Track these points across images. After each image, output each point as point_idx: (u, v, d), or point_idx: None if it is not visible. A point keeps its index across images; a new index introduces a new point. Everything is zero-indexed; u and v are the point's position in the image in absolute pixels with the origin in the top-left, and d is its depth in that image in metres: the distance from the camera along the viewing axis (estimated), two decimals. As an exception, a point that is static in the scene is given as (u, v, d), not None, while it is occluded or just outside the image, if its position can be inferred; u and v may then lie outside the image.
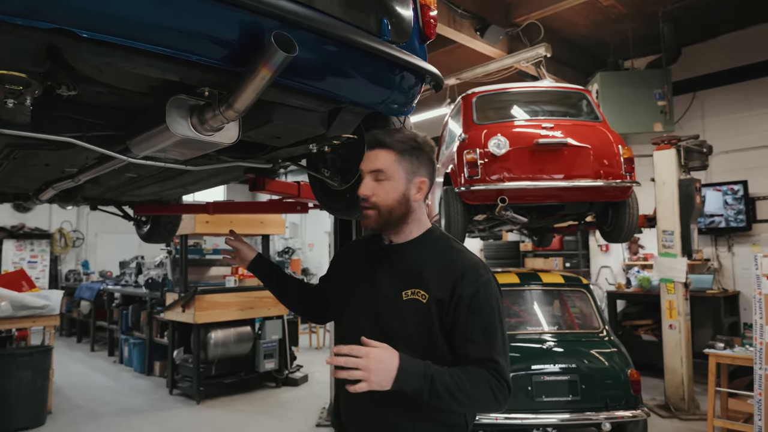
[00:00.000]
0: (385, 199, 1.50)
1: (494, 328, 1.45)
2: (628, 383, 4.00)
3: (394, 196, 1.50)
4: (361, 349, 1.33)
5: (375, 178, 1.51)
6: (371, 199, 1.51)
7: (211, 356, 6.24)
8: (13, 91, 1.34)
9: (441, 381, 1.35)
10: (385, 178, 1.50)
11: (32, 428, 5.17)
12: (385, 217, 1.51)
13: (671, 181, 5.68)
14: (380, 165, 1.51)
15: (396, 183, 1.51)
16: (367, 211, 1.52)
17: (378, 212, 1.51)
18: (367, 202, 1.51)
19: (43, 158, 2.21)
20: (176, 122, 1.54)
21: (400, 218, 1.52)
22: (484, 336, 1.43)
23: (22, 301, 5.41)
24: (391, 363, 1.33)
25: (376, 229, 1.55)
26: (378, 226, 1.53)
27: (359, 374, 1.31)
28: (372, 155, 1.54)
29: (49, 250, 11.95)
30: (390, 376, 1.32)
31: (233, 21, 1.34)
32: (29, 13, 1.13)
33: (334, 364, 1.35)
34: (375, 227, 1.54)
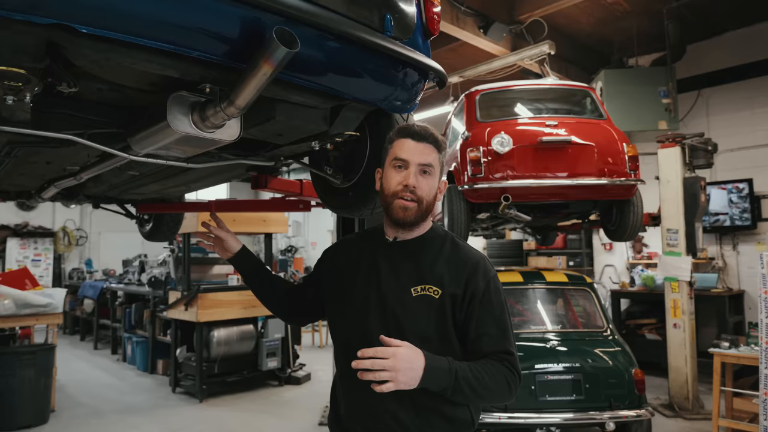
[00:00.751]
0: (428, 194, 1.51)
1: (505, 321, 1.50)
2: (632, 382, 3.98)
3: (433, 192, 1.54)
4: (387, 350, 1.33)
5: (422, 171, 1.50)
6: (417, 191, 1.49)
7: (213, 354, 6.24)
8: (13, 87, 1.33)
9: (464, 376, 1.37)
10: (430, 173, 1.52)
11: (35, 426, 5.18)
12: (422, 212, 1.52)
13: (676, 179, 5.65)
14: (431, 160, 1.52)
15: (436, 180, 1.55)
16: (408, 203, 1.49)
17: (418, 206, 1.50)
18: (412, 194, 1.49)
19: (45, 156, 2.20)
20: (177, 119, 1.53)
21: (427, 215, 1.55)
22: (497, 329, 1.48)
23: (25, 299, 5.42)
24: (418, 362, 1.34)
25: (410, 223, 1.53)
26: (414, 219, 1.52)
27: (386, 375, 1.31)
28: (423, 149, 1.52)
29: (53, 249, 11.98)
30: (417, 375, 1.33)
31: (235, 16, 1.32)
32: (28, 8, 1.11)
33: (360, 367, 1.34)
34: (411, 221, 1.52)
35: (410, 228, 1.56)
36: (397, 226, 1.56)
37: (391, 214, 1.54)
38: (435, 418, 1.47)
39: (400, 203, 1.50)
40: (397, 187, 1.51)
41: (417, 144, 1.52)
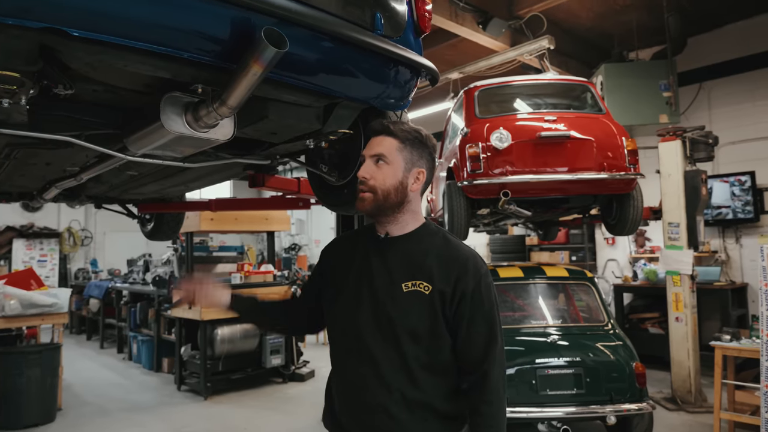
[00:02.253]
0: (383, 183, 1.51)
1: (494, 319, 1.52)
2: (633, 376, 3.98)
3: (391, 181, 1.52)
4: None
5: (375, 162, 1.53)
6: (369, 181, 1.52)
7: (217, 352, 6.28)
8: (8, 90, 1.36)
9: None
10: (385, 162, 1.52)
11: (42, 425, 5.23)
12: (380, 201, 1.52)
13: (677, 172, 5.64)
14: (382, 150, 1.53)
15: (394, 169, 1.53)
16: (363, 194, 1.53)
17: (374, 195, 1.52)
18: (364, 184, 1.52)
19: (44, 157, 2.23)
20: (171, 119, 1.55)
21: (394, 205, 1.54)
22: (486, 327, 1.50)
23: (31, 299, 5.47)
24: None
25: (370, 213, 1.55)
26: (372, 208, 1.53)
27: None
28: (376, 140, 1.55)
29: (58, 249, 12.06)
30: None
31: (224, 17, 1.35)
32: (20, 12, 1.14)
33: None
34: (369, 210, 1.54)
35: (382, 218, 1.56)
36: (369, 217, 1.60)
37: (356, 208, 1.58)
38: (427, 413, 1.48)
39: (359, 195, 1.54)
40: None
41: (374, 138, 1.57)
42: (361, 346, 1.51)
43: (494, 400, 1.46)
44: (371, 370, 1.48)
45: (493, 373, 1.47)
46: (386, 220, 1.57)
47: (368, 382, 1.49)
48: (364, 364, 1.50)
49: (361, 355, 1.50)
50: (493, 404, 1.46)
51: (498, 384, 1.48)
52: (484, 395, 1.47)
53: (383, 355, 1.48)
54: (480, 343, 1.48)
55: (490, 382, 1.47)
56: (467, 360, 1.50)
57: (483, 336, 1.49)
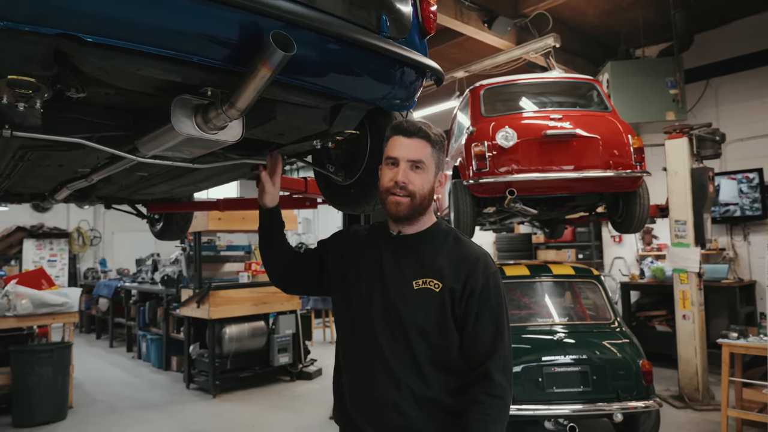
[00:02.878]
0: (422, 189, 1.53)
1: (502, 318, 1.53)
2: (639, 374, 3.99)
3: (428, 186, 1.55)
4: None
5: (412, 167, 1.53)
6: (408, 186, 1.52)
7: (226, 351, 6.33)
8: (23, 94, 1.39)
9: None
10: (422, 168, 1.53)
11: (54, 422, 5.30)
12: (416, 207, 1.54)
13: (683, 170, 5.63)
14: (421, 156, 1.53)
15: (429, 175, 1.56)
16: (400, 198, 1.52)
17: (411, 200, 1.52)
18: (403, 189, 1.52)
19: (56, 159, 2.26)
20: (181, 121, 1.58)
21: (425, 209, 1.57)
22: (493, 325, 1.51)
23: (42, 298, 5.55)
24: None
25: (404, 218, 1.56)
26: (408, 213, 1.54)
27: None
28: (410, 144, 1.54)
29: (68, 249, 12.17)
30: None
31: (233, 22, 1.37)
32: (35, 19, 1.17)
33: None
34: (405, 214, 1.54)
35: (408, 222, 1.58)
36: (393, 220, 1.59)
37: (386, 210, 1.57)
38: (435, 409, 1.51)
39: (393, 199, 1.54)
40: (389, 183, 1.54)
41: (407, 140, 1.55)
42: (371, 343, 1.53)
43: (497, 393, 1.47)
44: (381, 367, 1.51)
45: (496, 371, 1.48)
46: (412, 221, 1.58)
47: (378, 378, 1.51)
48: (375, 360, 1.52)
49: (372, 351, 1.53)
50: (495, 397, 1.46)
51: (502, 381, 1.48)
52: (486, 388, 1.47)
53: (393, 352, 1.50)
54: (486, 339, 1.50)
55: (494, 379, 1.47)
56: (473, 356, 1.51)
57: (489, 333, 1.50)
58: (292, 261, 1.81)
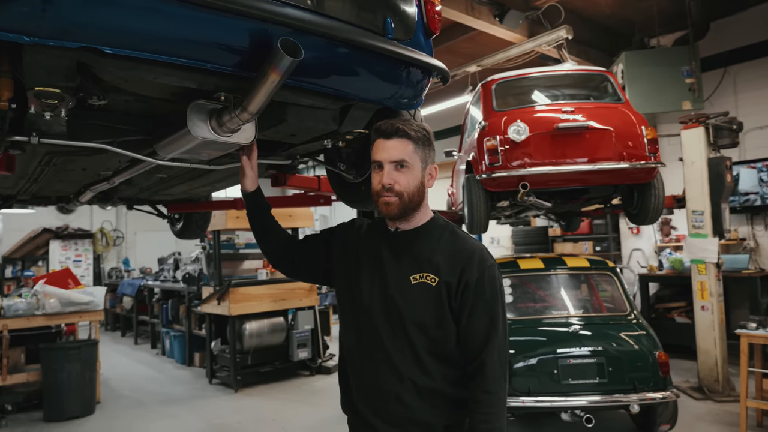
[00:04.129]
0: (408, 187, 1.55)
1: (497, 310, 1.56)
2: (656, 365, 3.98)
3: (414, 183, 1.57)
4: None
5: (396, 168, 1.55)
6: (395, 187, 1.55)
7: (246, 346, 6.46)
8: (49, 104, 1.48)
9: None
10: (406, 167, 1.55)
11: (83, 417, 5.48)
12: (406, 205, 1.56)
13: (700, 159, 5.57)
14: (402, 155, 1.55)
15: (415, 172, 1.57)
16: (389, 199, 1.55)
17: (400, 200, 1.55)
18: (390, 191, 1.55)
19: (80, 163, 2.37)
20: (197, 126, 1.66)
21: (416, 205, 1.60)
22: (487, 317, 1.55)
23: (69, 297, 5.73)
24: None
25: (397, 217, 1.59)
26: (399, 212, 1.57)
27: None
28: (391, 145, 1.56)
29: (92, 249, 12.47)
30: None
31: (243, 31, 1.44)
32: (59, 34, 1.25)
33: None
34: (396, 214, 1.57)
35: (404, 219, 1.61)
36: (388, 219, 1.64)
37: (379, 211, 1.62)
38: (437, 400, 1.55)
39: (383, 200, 1.57)
40: (377, 186, 1.58)
41: (388, 141, 1.56)
42: (372, 337, 1.58)
43: (492, 389, 1.50)
44: (383, 360, 1.56)
45: (491, 361, 1.51)
46: (407, 218, 1.61)
47: (380, 372, 1.56)
48: (377, 353, 1.57)
49: (373, 345, 1.58)
50: (492, 393, 1.50)
51: (497, 373, 1.51)
52: (482, 384, 1.51)
53: (394, 346, 1.55)
54: (480, 332, 1.53)
55: (489, 371, 1.51)
56: (468, 348, 1.55)
57: (483, 325, 1.53)
58: (291, 246, 1.84)
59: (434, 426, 1.55)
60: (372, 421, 1.58)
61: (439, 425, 1.56)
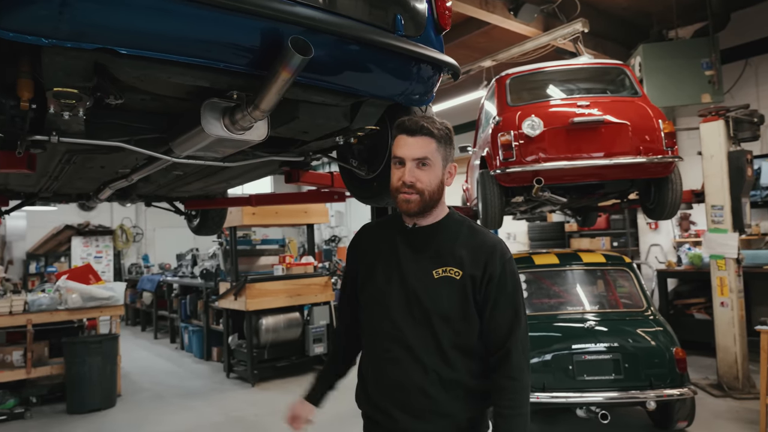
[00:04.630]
0: (429, 185, 1.56)
1: (518, 302, 1.60)
2: (673, 361, 3.95)
3: (436, 182, 1.58)
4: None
5: (418, 165, 1.55)
6: (417, 185, 1.55)
7: (263, 341, 6.54)
8: (68, 104, 1.52)
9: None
10: (428, 165, 1.56)
11: (104, 409, 5.60)
12: (426, 202, 1.57)
13: (720, 153, 5.47)
14: (425, 153, 1.55)
15: (436, 170, 1.58)
16: (410, 196, 1.55)
17: (421, 197, 1.56)
18: (411, 188, 1.55)
19: (99, 161, 2.43)
20: (210, 124, 1.70)
21: (435, 202, 1.61)
22: (511, 309, 1.58)
23: (90, 293, 5.86)
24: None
25: (416, 214, 1.61)
26: (419, 210, 1.58)
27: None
28: (414, 142, 1.55)
29: (112, 246, 12.70)
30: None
31: (254, 30, 1.47)
32: (76, 36, 1.29)
33: None
34: (416, 211, 1.58)
35: (422, 215, 1.62)
36: (406, 216, 1.65)
37: (398, 207, 1.63)
38: (460, 391, 1.57)
39: (402, 197, 1.58)
40: (397, 183, 1.58)
41: (411, 138, 1.56)
42: (395, 331, 1.60)
43: (517, 376, 1.53)
44: (406, 353, 1.58)
45: (515, 352, 1.54)
46: (419, 216, 1.63)
47: (404, 365, 1.58)
48: (399, 347, 1.59)
49: (395, 339, 1.59)
50: (516, 380, 1.53)
51: (521, 363, 1.55)
52: (507, 371, 1.54)
53: (417, 339, 1.57)
54: (504, 324, 1.56)
55: (514, 359, 1.54)
56: (491, 340, 1.57)
57: (507, 317, 1.57)
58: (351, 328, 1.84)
59: (458, 417, 1.58)
60: (393, 413, 1.59)
61: (462, 417, 1.58)
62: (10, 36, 1.24)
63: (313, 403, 1.86)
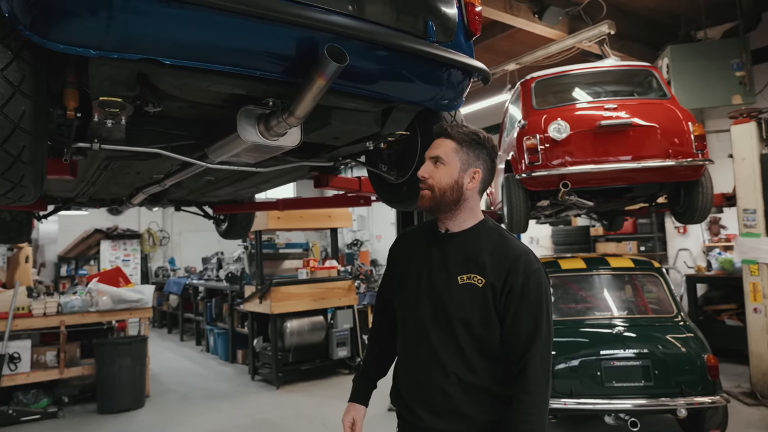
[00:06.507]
0: (439, 182, 1.62)
1: (541, 312, 1.58)
2: (704, 369, 3.86)
3: (447, 180, 1.63)
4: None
5: (433, 162, 1.65)
6: (428, 180, 1.64)
7: (287, 344, 6.59)
8: (111, 113, 1.58)
9: None
10: (441, 163, 1.63)
11: (134, 410, 5.71)
12: (438, 199, 1.63)
13: (752, 156, 5.35)
14: (439, 152, 1.65)
15: (450, 169, 1.63)
16: (423, 191, 1.65)
17: (432, 193, 1.63)
18: (424, 183, 1.65)
19: (135, 167, 2.50)
20: (246, 130, 1.74)
21: (451, 202, 1.64)
22: (532, 320, 1.57)
23: (120, 295, 5.99)
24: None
25: (429, 209, 1.67)
26: (430, 205, 1.65)
27: None
28: (436, 143, 1.67)
29: (140, 249, 12.95)
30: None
31: (291, 38, 1.50)
32: (121, 47, 1.34)
33: None
34: (428, 206, 1.66)
35: (439, 214, 1.68)
36: (428, 213, 1.72)
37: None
38: (481, 395, 1.59)
39: (420, 193, 1.68)
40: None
41: (435, 140, 1.69)
42: (421, 333, 1.65)
43: (533, 390, 1.53)
44: (431, 355, 1.62)
45: (533, 364, 1.54)
46: (445, 216, 1.68)
47: (427, 366, 1.63)
48: (424, 349, 1.64)
49: (421, 341, 1.65)
50: (532, 394, 1.52)
51: (539, 376, 1.54)
52: (524, 385, 1.53)
53: (440, 342, 1.61)
54: (523, 335, 1.56)
55: (531, 373, 1.53)
56: (511, 350, 1.58)
57: (527, 328, 1.56)
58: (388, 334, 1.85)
59: (477, 419, 1.59)
60: (417, 411, 1.65)
61: (482, 419, 1.59)
62: (61, 48, 1.30)
63: (362, 404, 1.90)
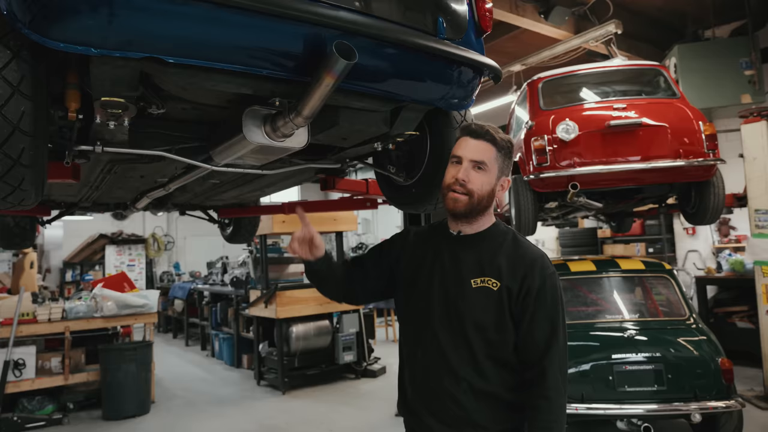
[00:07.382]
0: (480, 189, 1.57)
1: (557, 317, 1.55)
2: (718, 372, 3.79)
3: (487, 188, 1.58)
4: None
5: (474, 167, 1.57)
6: (468, 185, 1.56)
7: (293, 349, 6.54)
8: (114, 114, 1.53)
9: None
10: (483, 169, 1.57)
11: (139, 416, 5.67)
12: (474, 205, 1.57)
13: (763, 155, 5.28)
14: (484, 157, 1.57)
15: (491, 177, 1.58)
16: (459, 195, 1.56)
17: (469, 198, 1.56)
18: (462, 187, 1.56)
19: (139, 170, 2.45)
20: (252, 131, 1.69)
21: (483, 209, 1.60)
22: (548, 325, 1.53)
23: (125, 300, 5.95)
24: None
25: (462, 214, 1.59)
26: (465, 211, 1.57)
27: None
28: (475, 144, 1.58)
29: (145, 254, 12.93)
30: None
31: (298, 35, 1.45)
32: (124, 45, 1.29)
33: None
34: (462, 211, 1.58)
35: (465, 219, 1.61)
36: (452, 217, 1.63)
37: (445, 205, 1.62)
38: (493, 402, 1.54)
39: (452, 195, 1.57)
40: (450, 180, 1.58)
41: (473, 141, 1.59)
42: (431, 338, 1.58)
43: (552, 396, 1.48)
44: (440, 360, 1.56)
45: (551, 370, 1.50)
46: (466, 220, 1.62)
47: (438, 371, 1.56)
48: (434, 354, 1.57)
49: (432, 345, 1.58)
50: (551, 400, 1.48)
51: (557, 381, 1.49)
52: (542, 390, 1.49)
53: (452, 347, 1.55)
54: (540, 339, 1.52)
55: (549, 379, 1.49)
56: (527, 355, 1.53)
57: (544, 332, 1.52)
58: (347, 277, 1.77)
59: (489, 429, 1.54)
60: (427, 421, 1.58)
61: (494, 428, 1.55)
62: (61, 47, 1.25)
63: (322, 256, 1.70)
